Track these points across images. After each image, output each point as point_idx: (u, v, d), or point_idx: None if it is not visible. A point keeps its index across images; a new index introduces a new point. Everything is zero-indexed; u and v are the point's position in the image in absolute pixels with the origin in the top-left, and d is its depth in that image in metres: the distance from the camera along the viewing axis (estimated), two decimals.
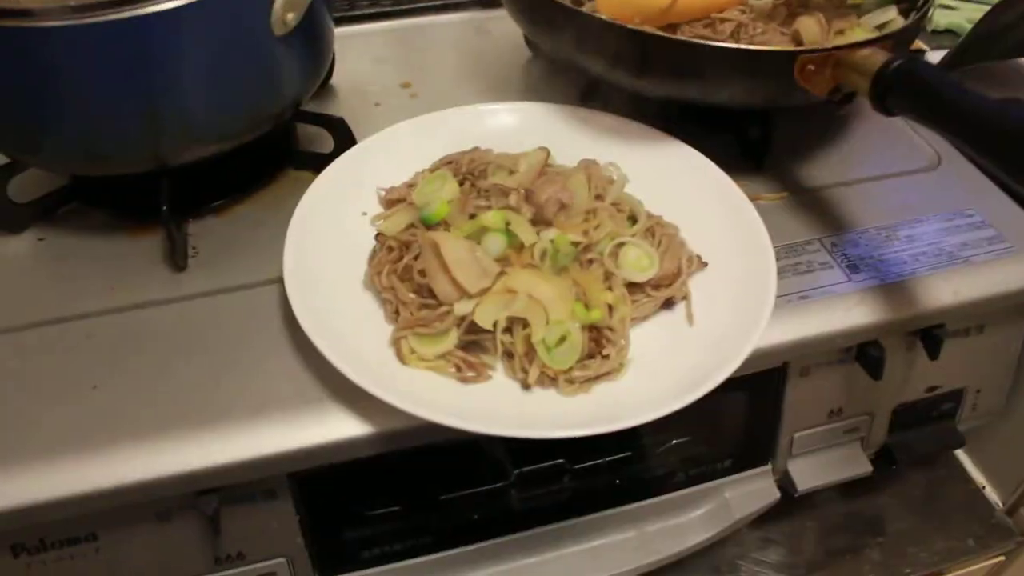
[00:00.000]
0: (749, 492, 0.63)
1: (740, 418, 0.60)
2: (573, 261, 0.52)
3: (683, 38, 0.61)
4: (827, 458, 0.64)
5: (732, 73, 0.58)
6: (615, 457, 0.58)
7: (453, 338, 0.49)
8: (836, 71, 0.56)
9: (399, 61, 0.80)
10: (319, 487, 0.51)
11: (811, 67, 0.57)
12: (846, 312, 0.55)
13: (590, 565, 0.59)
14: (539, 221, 0.54)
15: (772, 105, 0.65)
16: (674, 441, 0.59)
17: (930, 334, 0.59)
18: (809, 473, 0.63)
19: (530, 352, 0.49)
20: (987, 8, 0.73)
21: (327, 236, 0.55)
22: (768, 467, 0.63)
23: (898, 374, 0.62)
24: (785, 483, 0.64)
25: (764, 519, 0.65)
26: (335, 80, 0.76)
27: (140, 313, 0.54)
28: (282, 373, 0.50)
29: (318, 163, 0.60)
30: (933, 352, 0.59)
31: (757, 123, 0.65)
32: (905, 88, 0.51)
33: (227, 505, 0.49)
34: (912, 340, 0.60)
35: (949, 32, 0.87)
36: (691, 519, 0.62)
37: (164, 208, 0.57)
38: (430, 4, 0.87)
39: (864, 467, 0.65)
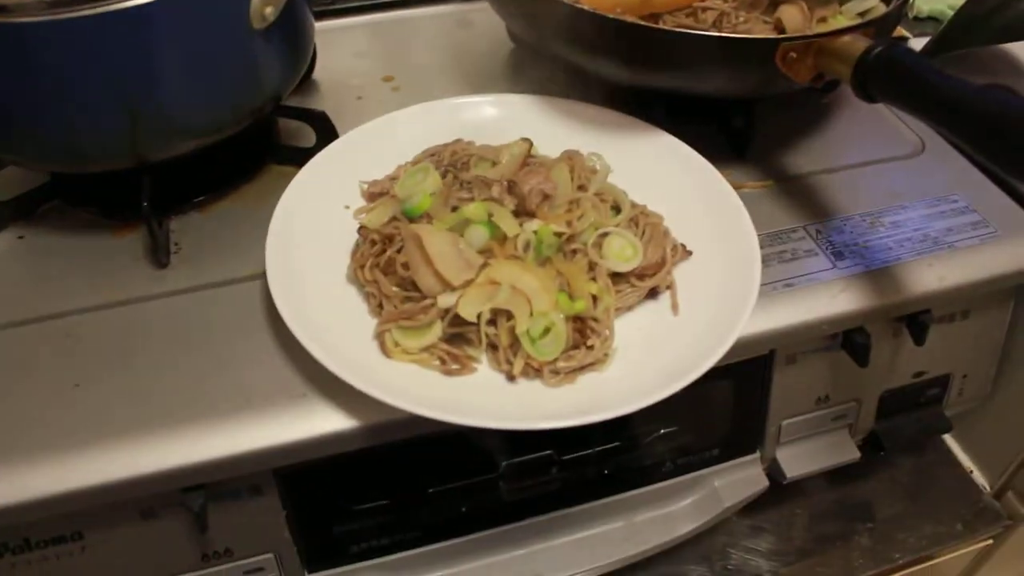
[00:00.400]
0: (738, 480, 0.63)
1: (727, 407, 0.60)
2: (557, 252, 0.52)
3: (665, 27, 0.62)
4: (815, 445, 0.64)
5: (714, 62, 0.58)
6: (603, 447, 0.58)
7: (437, 331, 0.49)
8: (818, 59, 0.57)
9: (381, 55, 0.80)
10: (305, 482, 0.51)
11: (793, 55, 0.57)
12: (831, 299, 0.55)
13: (580, 556, 0.60)
14: (522, 212, 0.54)
15: (755, 94, 0.65)
16: (662, 431, 0.59)
17: (916, 320, 0.59)
18: (797, 460, 0.64)
19: (515, 344, 0.49)
20: None
21: (310, 230, 0.55)
22: (756, 455, 0.63)
23: (884, 360, 0.62)
24: (773, 471, 0.64)
25: (753, 507, 0.65)
26: (317, 74, 0.75)
27: (122, 310, 0.54)
28: (266, 368, 0.50)
29: (300, 157, 0.60)
30: (919, 338, 0.59)
31: (740, 112, 0.65)
32: (887, 75, 0.51)
33: (213, 501, 0.49)
34: (898, 326, 0.60)
35: (932, 19, 0.88)
36: (680, 508, 0.63)
37: (145, 204, 0.56)
38: None
39: (852, 454, 0.65)
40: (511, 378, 0.48)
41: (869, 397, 0.64)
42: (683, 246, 0.55)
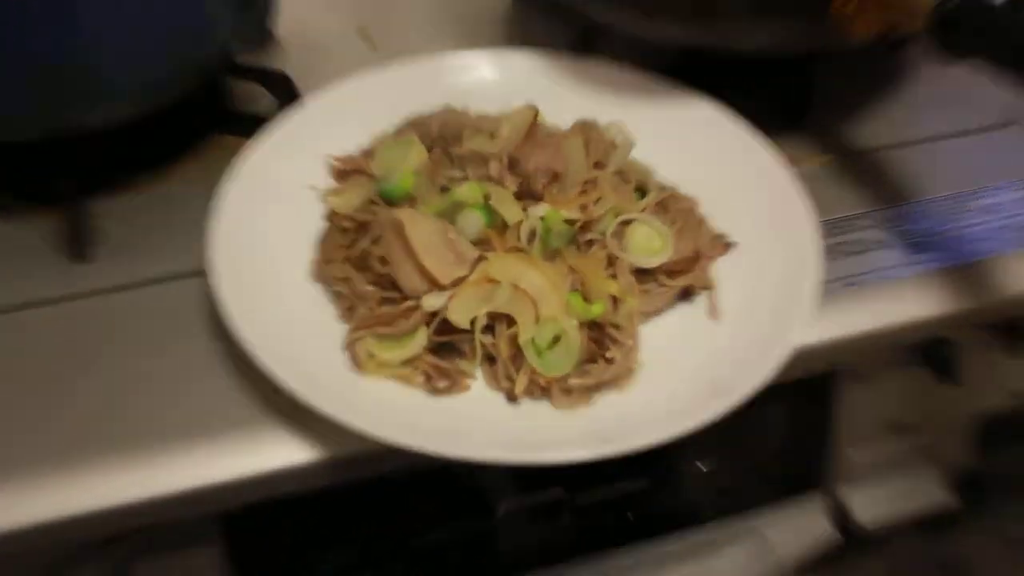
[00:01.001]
0: (795, 529, 0.64)
1: (780, 437, 0.61)
2: (568, 243, 0.53)
3: None
4: (893, 487, 0.65)
5: (757, 12, 0.58)
6: (626, 487, 0.58)
7: (422, 340, 0.49)
8: (884, 10, 0.56)
9: (355, 3, 0.81)
10: (256, 529, 0.52)
11: (852, 5, 0.56)
12: (907, 302, 0.55)
13: None
14: (526, 195, 0.54)
15: (807, 52, 0.65)
16: (699, 466, 0.59)
17: (1016, 328, 0.59)
18: (871, 505, 0.64)
19: (517, 356, 0.49)
20: None
21: (264, 216, 0.55)
22: (818, 498, 0.64)
23: (978, 378, 0.62)
24: (841, 518, 0.64)
25: (819, 564, 0.65)
26: (279, 29, 0.75)
27: (28, 314, 0.54)
28: (208, 386, 0.50)
29: (255, 127, 0.60)
30: (1020, 350, 0.60)
31: (795, 73, 0.66)
32: (969, 26, 0.50)
33: (139, 556, 0.49)
34: (992, 336, 0.60)
35: None
36: (724, 563, 0.63)
37: (64, 184, 0.57)
38: None
39: (942, 498, 0.65)
40: (512, 398, 0.49)
41: (961, 426, 0.64)
42: (723, 236, 0.56)
